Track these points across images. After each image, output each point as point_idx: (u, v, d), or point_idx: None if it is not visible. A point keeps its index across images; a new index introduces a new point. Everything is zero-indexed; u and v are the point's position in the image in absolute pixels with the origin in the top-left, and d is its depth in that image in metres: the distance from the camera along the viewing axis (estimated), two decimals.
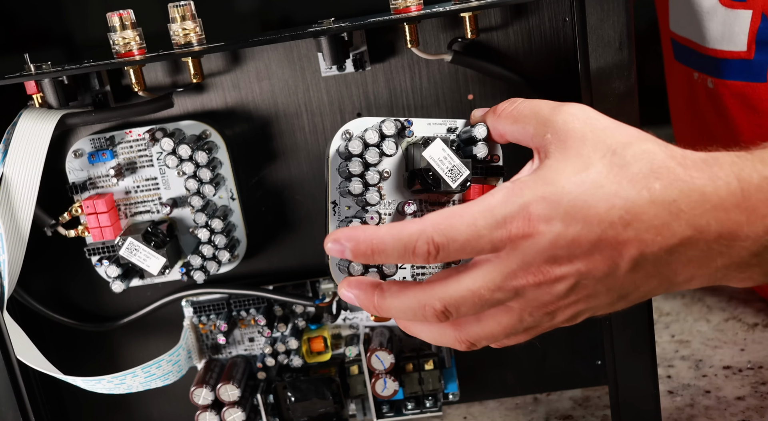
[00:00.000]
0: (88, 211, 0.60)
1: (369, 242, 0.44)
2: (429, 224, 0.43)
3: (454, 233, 0.43)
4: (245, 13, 1.09)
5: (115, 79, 0.62)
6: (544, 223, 0.42)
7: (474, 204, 0.43)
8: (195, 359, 0.67)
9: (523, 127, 0.47)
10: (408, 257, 0.44)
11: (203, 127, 0.62)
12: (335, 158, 0.52)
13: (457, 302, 0.44)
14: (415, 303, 0.45)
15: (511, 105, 0.49)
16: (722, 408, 0.65)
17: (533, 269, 0.43)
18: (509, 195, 0.43)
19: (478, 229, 0.42)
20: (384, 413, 0.68)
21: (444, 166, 0.49)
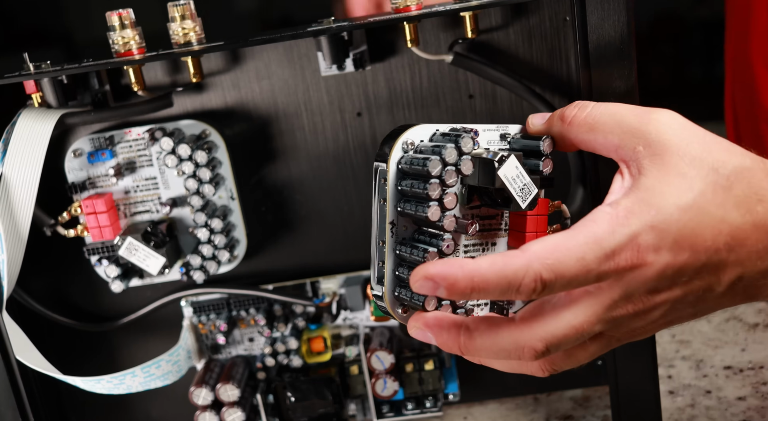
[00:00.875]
0: (88, 210, 0.60)
1: (470, 280, 0.39)
2: (535, 259, 0.39)
3: (563, 269, 0.39)
4: (245, 13, 1.09)
5: (114, 79, 0.61)
6: (653, 253, 0.39)
7: (578, 234, 0.40)
8: (194, 359, 0.67)
9: (604, 137, 0.43)
10: (511, 294, 0.40)
11: (203, 127, 0.62)
12: (394, 173, 0.44)
13: (560, 340, 0.41)
14: (512, 344, 0.42)
15: (583, 111, 0.45)
16: (723, 408, 0.64)
17: (635, 299, 0.41)
18: (615, 223, 0.40)
19: (587, 263, 0.39)
20: (384, 414, 0.68)
21: (516, 185, 0.45)
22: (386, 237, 0.45)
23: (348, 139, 0.64)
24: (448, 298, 0.41)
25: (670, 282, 0.40)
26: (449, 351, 0.44)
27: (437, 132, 0.46)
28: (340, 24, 0.54)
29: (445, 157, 0.43)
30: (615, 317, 0.41)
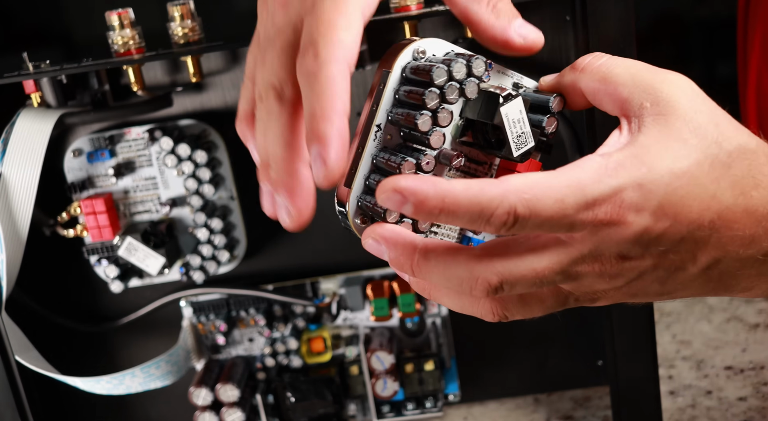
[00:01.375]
0: (87, 210, 0.60)
1: (440, 199, 0.37)
2: (513, 192, 0.37)
3: (540, 206, 0.37)
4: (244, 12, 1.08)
5: (114, 79, 0.61)
6: (634, 212, 0.37)
7: (562, 175, 0.37)
8: (194, 359, 0.67)
9: (615, 88, 0.41)
10: (480, 223, 0.37)
11: (202, 127, 0.61)
12: (397, 78, 0.42)
13: (516, 279, 0.39)
14: (466, 273, 0.39)
15: (598, 59, 0.42)
16: (724, 409, 0.64)
17: (603, 258, 0.39)
18: (602, 173, 0.37)
19: (565, 207, 0.37)
20: (384, 414, 0.68)
21: (514, 130, 0.42)
22: (367, 141, 0.42)
23: None
24: (414, 216, 0.37)
25: (643, 249, 0.38)
26: (400, 270, 0.42)
27: (452, 52, 0.43)
28: None
29: (452, 70, 0.41)
30: (579, 272, 0.39)
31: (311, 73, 0.37)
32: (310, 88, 0.37)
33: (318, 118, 0.37)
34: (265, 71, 0.40)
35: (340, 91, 0.37)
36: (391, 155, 0.41)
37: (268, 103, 0.40)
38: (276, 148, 0.40)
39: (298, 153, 0.40)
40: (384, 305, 0.64)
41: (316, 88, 0.37)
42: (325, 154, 0.37)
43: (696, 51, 1.26)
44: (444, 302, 0.44)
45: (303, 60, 0.38)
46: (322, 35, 0.37)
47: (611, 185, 0.37)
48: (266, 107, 0.40)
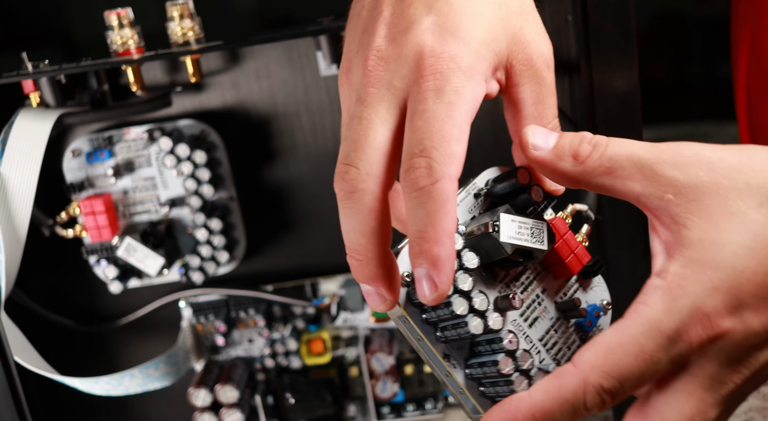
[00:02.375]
0: (86, 211, 0.60)
1: (530, 416, 0.36)
2: (589, 371, 0.35)
3: (623, 371, 0.34)
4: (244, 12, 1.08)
5: (113, 78, 0.61)
6: (729, 317, 0.34)
7: (631, 325, 0.35)
8: (193, 360, 0.67)
9: (623, 183, 0.37)
10: (581, 413, 0.35)
11: (202, 127, 0.61)
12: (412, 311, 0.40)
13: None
14: None
15: (598, 151, 0.38)
16: None
17: (737, 366, 0.35)
18: (670, 300, 0.35)
19: (649, 355, 0.34)
20: (384, 415, 0.67)
21: (525, 236, 0.40)
22: (448, 370, 0.40)
23: None
24: None
25: (765, 336, 0.35)
26: None
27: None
28: (340, 23, 0.54)
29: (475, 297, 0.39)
30: (732, 391, 0.36)
31: (424, 190, 0.35)
32: (422, 206, 0.35)
33: (431, 240, 0.34)
34: (352, 149, 0.37)
35: (452, 211, 0.35)
36: (481, 367, 0.40)
37: (353, 184, 0.37)
38: (363, 238, 0.38)
39: (384, 240, 0.38)
40: None
41: (429, 207, 0.34)
42: (437, 278, 0.35)
43: (696, 51, 1.26)
44: None
45: (412, 173, 0.35)
46: (435, 147, 0.35)
47: (686, 307, 0.34)
48: (351, 189, 0.37)
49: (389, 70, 0.37)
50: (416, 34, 0.37)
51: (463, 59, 0.36)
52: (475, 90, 0.37)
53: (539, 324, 0.42)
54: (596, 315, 0.43)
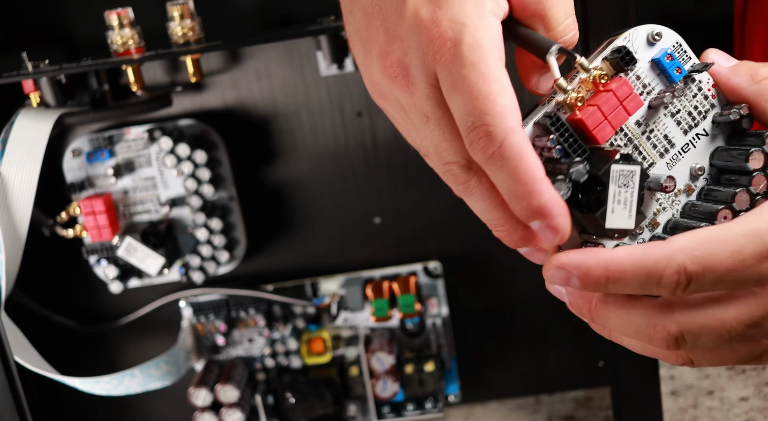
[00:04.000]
0: (86, 210, 0.60)
1: (604, 269, 0.35)
2: (680, 250, 0.34)
3: (713, 261, 0.34)
4: (244, 12, 1.08)
5: (113, 78, 0.61)
6: None
7: (737, 225, 0.35)
8: (194, 359, 0.66)
9: None
10: (651, 287, 0.35)
11: (202, 127, 0.61)
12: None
13: (699, 330, 0.36)
14: (644, 320, 0.37)
15: None
16: (726, 409, 0.64)
17: None
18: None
19: (744, 258, 0.34)
20: (384, 415, 0.67)
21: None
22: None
23: (348, 139, 0.64)
24: (583, 289, 0.36)
25: None
26: (578, 313, 0.39)
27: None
28: (340, 23, 0.54)
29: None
30: None
31: (494, 157, 0.34)
32: (501, 172, 0.34)
33: (526, 197, 0.34)
34: (436, 152, 0.38)
35: (531, 158, 0.34)
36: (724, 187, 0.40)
37: (457, 178, 0.37)
38: (495, 213, 0.38)
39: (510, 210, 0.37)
40: (384, 305, 0.64)
41: (509, 169, 0.34)
42: (553, 224, 0.34)
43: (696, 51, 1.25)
44: (625, 344, 0.41)
45: (476, 146, 0.34)
46: (483, 112, 0.34)
47: None
48: (458, 182, 0.38)
49: (405, 66, 0.37)
50: (409, 15, 0.36)
51: (464, 11, 0.35)
52: (489, 30, 0.35)
53: None
54: None
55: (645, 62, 0.39)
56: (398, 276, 0.65)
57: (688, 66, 0.40)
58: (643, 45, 0.39)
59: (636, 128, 0.40)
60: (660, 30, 0.39)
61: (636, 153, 0.40)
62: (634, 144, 0.40)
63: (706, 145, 0.41)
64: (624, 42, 0.39)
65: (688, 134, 0.40)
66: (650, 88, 0.39)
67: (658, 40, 0.39)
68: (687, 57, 0.40)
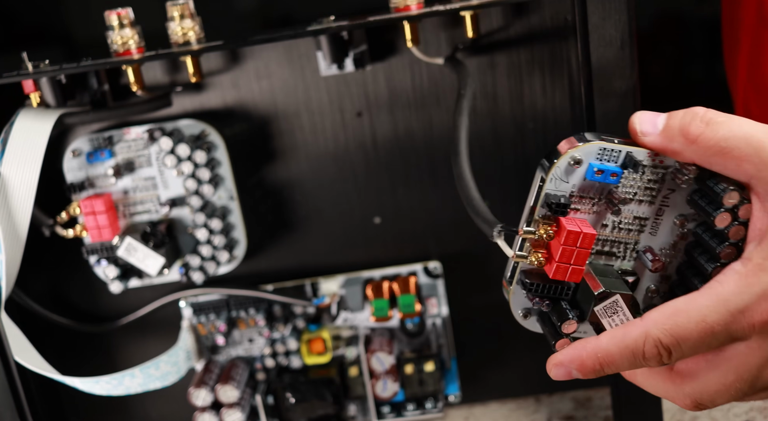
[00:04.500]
0: (87, 211, 0.60)
1: (594, 357, 0.40)
2: (652, 326, 0.38)
3: (683, 332, 0.37)
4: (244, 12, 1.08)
5: (113, 78, 0.61)
6: None
7: (701, 296, 0.38)
8: (194, 359, 0.67)
9: (737, 164, 0.38)
10: (639, 362, 0.39)
11: (202, 127, 0.61)
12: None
13: (710, 398, 0.40)
14: (664, 392, 0.42)
15: (711, 129, 0.38)
16: (726, 409, 0.64)
17: None
18: (744, 284, 0.37)
19: (710, 327, 0.37)
20: (384, 415, 0.68)
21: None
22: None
23: (348, 139, 0.64)
24: (584, 377, 0.41)
25: None
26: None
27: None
28: (340, 24, 0.54)
29: None
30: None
31: None
32: None
33: None
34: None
35: None
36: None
37: None
38: None
39: None
40: (384, 305, 0.64)
41: None
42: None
43: (696, 51, 1.26)
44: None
45: None
46: None
47: (755, 292, 0.37)
48: None
49: None
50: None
51: None
52: None
53: None
54: None
55: (579, 183, 0.41)
56: (398, 276, 0.65)
57: (620, 162, 0.41)
58: (569, 173, 0.41)
59: (606, 231, 0.43)
60: (574, 155, 0.40)
61: (615, 246, 0.43)
62: (611, 242, 0.43)
63: (679, 197, 0.42)
64: (550, 189, 0.41)
65: (655, 203, 0.42)
66: (598, 195, 0.42)
67: (581, 163, 0.40)
68: (617, 151, 0.41)
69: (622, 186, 0.41)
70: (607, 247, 0.43)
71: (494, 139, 0.63)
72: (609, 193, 0.41)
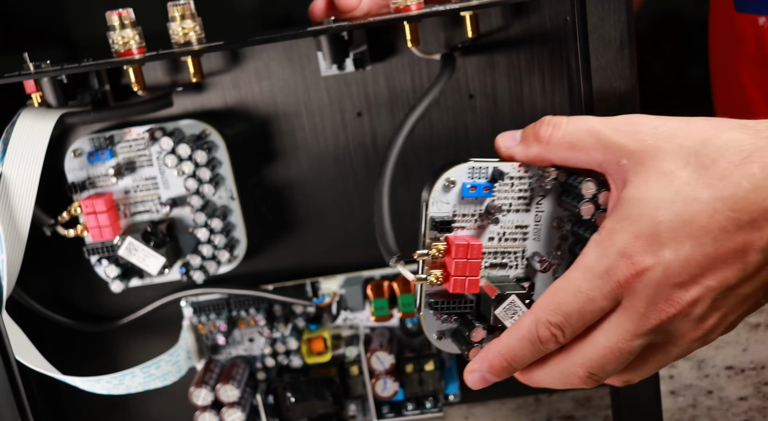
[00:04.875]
0: (88, 210, 0.60)
1: (499, 356, 0.44)
2: (538, 309, 0.42)
3: (565, 307, 0.41)
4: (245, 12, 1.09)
5: (114, 79, 0.61)
6: (649, 256, 0.40)
7: (571, 271, 0.42)
8: (194, 359, 0.67)
9: (587, 154, 0.43)
10: (539, 348, 0.43)
11: (203, 127, 0.61)
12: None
13: (600, 363, 0.42)
14: (559, 373, 0.44)
15: (558, 129, 0.44)
16: (725, 408, 0.64)
17: (661, 303, 0.40)
18: (601, 249, 0.41)
19: (585, 293, 0.41)
20: (384, 414, 0.68)
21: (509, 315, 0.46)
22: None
23: (348, 139, 0.64)
24: (498, 379, 0.45)
25: (688, 275, 0.40)
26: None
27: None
28: (340, 24, 0.54)
29: None
30: (653, 328, 0.41)
31: None
32: None
33: None
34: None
35: None
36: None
37: None
38: None
39: None
40: (384, 305, 0.64)
41: None
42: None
43: (696, 51, 1.27)
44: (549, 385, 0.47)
45: None
46: None
47: (613, 253, 0.40)
48: None
49: None
50: None
51: None
52: None
53: None
54: None
55: (458, 201, 0.46)
56: (398, 275, 0.65)
57: (490, 176, 0.46)
58: (447, 194, 0.46)
59: (493, 243, 0.48)
60: (448, 177, 0.46)
61: (506, 256, 0.48)
62: (501, 253, 0.48)
63: (550, 201, 0.47)
64: (433, 212, 0.46)
65: (531, 210, 0.48)
66: (478, 210, 0.47)
67: (455, 183, 0.46)
68: (485, 168, 0.46)
69: (496, 198, 0.46)
70: (498, 258, 0.48)
71: (494, 139, 0.63)
72: (487, 207, 0.46)
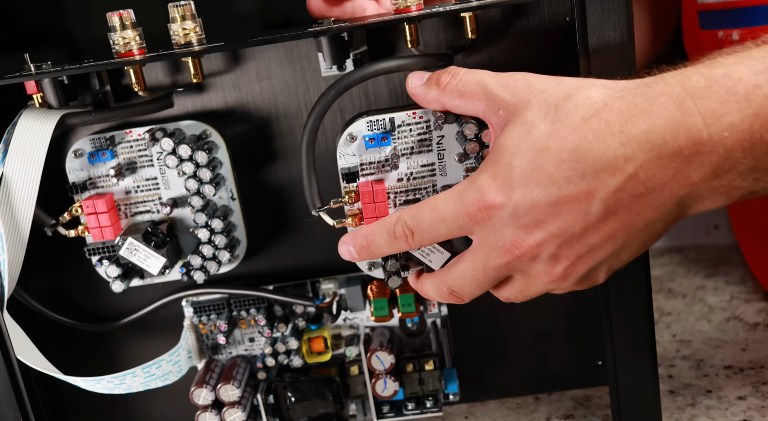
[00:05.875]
0: (88, 211, 0.60)
1: (364, 236, 0.51)
2: (404, 211, 0.49)
3: (421, 216, 0.48)
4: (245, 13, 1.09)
5: (115, 79, 0.62)
6: (500, 197, 0.45)
7: (442, 193, 0.48)
8: (195, 359, 0.67)
9: (473, 103, 0.48)
10: (393, 242, 0.50)
11: (203, 127, 0.62)
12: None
13: (459, 284, 0.49)
14: (435, 287, 0.51)
15: (455, 78, 0.49)
16: (724, 408, 0.64)
17: (507, 243, 0.46)
18: (467, 182, 0.47)
19: (440, 212, 0.47)
20: (384, 414, 0.68)
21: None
22: None
23: None
24: (359, 256, 0.53)
25: (532, 219, 0.44)
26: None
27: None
28: (341, 25, 0.54)
29: None
30: (504, 264, 0.47)
31: None
32: None
33: None
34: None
35: None
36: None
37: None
38: None
39: None
40: (384, 305, 0.64)
41: None
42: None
43: None
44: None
45: None
46: None
47: (472, 187, 0.46)
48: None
49: None
50: None
51: None
52: None
53: None
54: None
55: (362, 152, 0.53)
56: None
57: (387, 127, 0.53)
58: (353, 145, 0.54)
59: (403, 183, 0.54)
60: (349, 132, 0.54)
61: (418, 193, 0.54)
62: (413, 190, 0.54)
63: (449, 140, 0.53)
64: (342, 165, 0.54)
65: (433, 150, 0.54)
66: (384, 158, 0.53)
67: (356, 137, 0.53)
68: (382, 120, 0.53)
69: (398, 144, 0.53)
70: (411, 195, 0.54)
71: None
72: (388, 153, 0.53)
